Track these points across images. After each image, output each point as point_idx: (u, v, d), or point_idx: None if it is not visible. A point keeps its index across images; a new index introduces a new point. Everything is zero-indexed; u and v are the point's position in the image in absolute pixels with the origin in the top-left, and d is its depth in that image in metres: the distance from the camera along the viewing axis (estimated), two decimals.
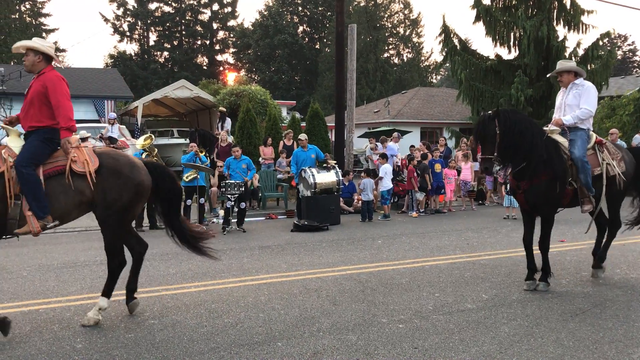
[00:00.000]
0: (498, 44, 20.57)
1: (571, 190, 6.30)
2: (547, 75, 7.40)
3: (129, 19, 54.31)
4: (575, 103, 6.46)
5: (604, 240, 7.05)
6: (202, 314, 5.60)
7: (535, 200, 6.30)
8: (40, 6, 49.45)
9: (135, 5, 53.21)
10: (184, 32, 56.35)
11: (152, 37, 56.19)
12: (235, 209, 11.06)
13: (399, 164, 15.25)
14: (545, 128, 6.54)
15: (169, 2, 54.21)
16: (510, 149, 6.15)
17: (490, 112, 6.24)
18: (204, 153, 11.81)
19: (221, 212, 12.30)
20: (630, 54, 60.44)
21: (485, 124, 6.16)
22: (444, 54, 21.57)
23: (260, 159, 15.38)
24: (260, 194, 13.90)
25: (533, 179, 6.20)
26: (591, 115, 6.44)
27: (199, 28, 56.60)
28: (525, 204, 6.44)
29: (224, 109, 17.69)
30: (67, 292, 6.51)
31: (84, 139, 13.95)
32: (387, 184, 12.89)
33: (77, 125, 18.66)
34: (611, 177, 6.45)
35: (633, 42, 63.31)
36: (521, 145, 6.14)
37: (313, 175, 11.85)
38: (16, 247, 9.31)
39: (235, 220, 11.11)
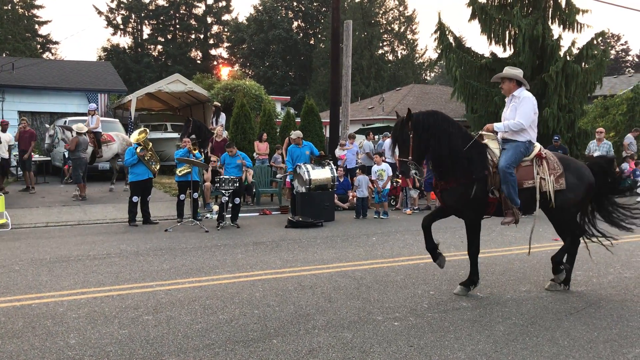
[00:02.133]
0: (493, 42, 20.59)
1: (496, 199, 6.07)
2: (491, 80, 7.10)
3: (122, 11, 53.99)
4: (512, 117, 6.20)
5: (565, 257, 6.60)
6: (196, 310, 5.57)
7: (451, 202, 6.22)
8: None
9: None
10: (177, 26, 56.09)
11: (146, 31, 55.91)
12: (230, 205, 11.02)
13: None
14: (481, 132, 6.33)
15: None
16: (425, 152, 6.02)
17: (404, 115, 6.04)
18: (197, 150, 11.74)
19: (215, 207, 12.26)
20: (623, 53, 60.78)
21: (399, 128, 6.02)
22: (438, 51, 21.58)
23: (254, 154, 15.33)
24: (254, 190, 13.86)
25: (451, 181, 6.09)
26: (523, 129, 6.10)
27: (193, 22, 56.35)
28: (443, 205, 6.38)
29: (219, 104, 17.60)
30: (60, 286, 6.46)
31: (80, 133, 13.86)
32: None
33: (70, 118, 18.50)
34: (545, 192, 6.12)
35: (626, 42, 63.79)
36: (437, 148, 5.98)
37: (308, 171, 11.83)
38: (8, 241, 9.24)
39: (230, 215, 11.07)
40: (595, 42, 19.91)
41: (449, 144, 5.98)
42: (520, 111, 6.12)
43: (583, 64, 19.69)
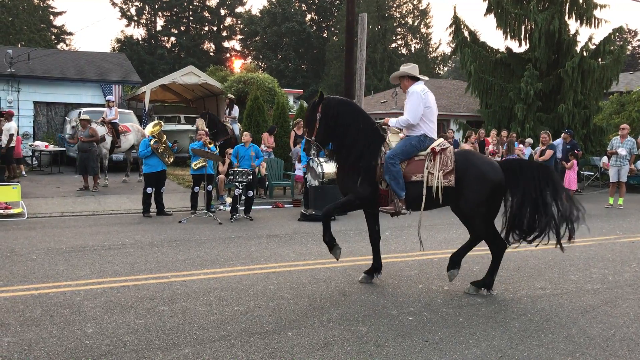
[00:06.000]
0: (509, 36, 20.43)
1: (387, 191, 6.14)
2: (390, 80, 7.00)
3: (136, 3, 54.16)
4: None
5: (491, 261, 6.21)
6: (211, 302, 5.61)
7: (343, 190, 6.49)
8: None
9: None
10: (191, 18, 56.18)
11: (160, 22, 56.12)
12: (243, 197, 11.05)
13: None
14: (382, 126, 6.46)
15: None
16: (328, 135, 6.27)
17: (317, 98, 6.32)
18: (212, 144, 11.78)
19: (228, 200, 12.30)
20: None
21: (311, 108, 6.34)
22: (453, 45, 21.44)
23: (262, 146, 15.31)
24: (267, 183, 13.88)
25: (344, 169, 6.34)
26: (410, 124, 6.11)
27: (206, 14, 56.39)
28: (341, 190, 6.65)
29: (233, 97, 17.62)
30: (76, 276, 6.53)
31: (84, 121, 13.94)
32: None
33: (84, 109, 18.55)
34: (445, 188, 5.91)
35: None
36: (340, 135, 6.23)
37: (321, 164, 11.81)
38: (24, 230, 9.35)
39: (243, 208, 11.10)
40: (612, 37, 19.68)
41: (350, 133, 6.22)
42: (407, 107, 6.19)
43: (600, 59, 19.46)
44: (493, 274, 6.16)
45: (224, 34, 58.15)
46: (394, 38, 55.65)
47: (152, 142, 11.00)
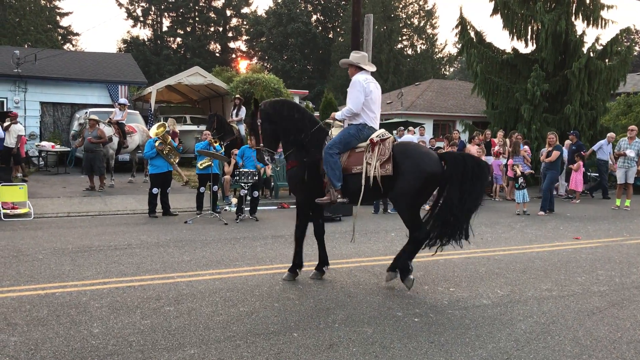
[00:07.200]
0: (515, 37, 20.32)
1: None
2: (340, 62, 7.01)
3: (142, 3, 54.33)
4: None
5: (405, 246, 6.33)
6: (217, 302, 5.61)
7: (289, 183, 6.82)
8: None
9: None
10: (197, 19, 56.28)
11: (166, 23, 56.28)
12: (248, 198, 11.06)
13: None
14: (326, 121, 6.63)
15: None
16: (274, 138, 6.46)
17: (253, 106, 6.51)
18: (218, 143, 11.81)
19: (234, 200, 12.32)
20: None
21: (250, 117, 6.58)
22: (459, 46, 21.38)
23: None
24: (272, 183, 13.89)
25: (290, 163, 6.49)
26: (353, 113, 6.19)
27: (212, 15, 56.51)
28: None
29: (241, 98, 17.64)
30: (82, 276, 6.55)
31: (93, 121, 13.99)
32: None
33: (91, 109, 18.57)
34: (384, 178, 5.94)
35: None
36: (283, 134, 6.43)
37: None
38: (31, 230, 9.39)
39: (248, 208, 11.11)
40: (619, 38, 19.57)
41: (290, 129, 6.36)
42: (349, 96, 6.28)
43: (607, 60, 19.36)
44: (401, 259, 6.22)
45: (230, 34, 58.25)
46: (400, 39, 55.52)
47: (156, 144, 11.02)
